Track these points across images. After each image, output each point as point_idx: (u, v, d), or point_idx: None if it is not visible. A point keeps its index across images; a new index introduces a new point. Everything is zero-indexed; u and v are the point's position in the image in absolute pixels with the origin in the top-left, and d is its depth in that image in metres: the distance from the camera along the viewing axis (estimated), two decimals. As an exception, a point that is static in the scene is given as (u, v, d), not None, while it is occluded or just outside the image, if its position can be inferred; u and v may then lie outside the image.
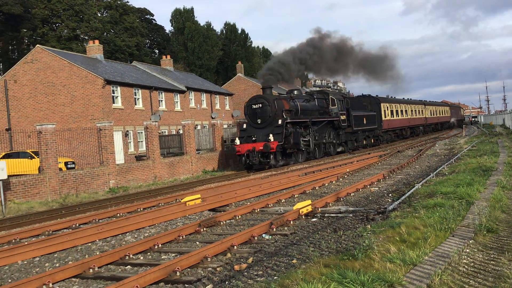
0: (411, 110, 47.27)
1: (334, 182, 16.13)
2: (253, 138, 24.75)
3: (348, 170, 18.35)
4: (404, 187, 13.63)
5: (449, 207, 8.44)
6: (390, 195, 12.48)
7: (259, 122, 25.10)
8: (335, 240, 7.65)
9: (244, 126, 25.84)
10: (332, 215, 10.18)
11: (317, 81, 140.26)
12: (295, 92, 28.88)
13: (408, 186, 13.65)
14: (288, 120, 25.03)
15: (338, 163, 22.83)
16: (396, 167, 18.08)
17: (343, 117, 31.43)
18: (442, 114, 63.95)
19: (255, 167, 24.97)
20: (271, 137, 23.92)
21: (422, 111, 51.78)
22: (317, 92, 32.34)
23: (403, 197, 11.12)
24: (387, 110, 39.35)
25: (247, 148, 24.17)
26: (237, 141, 25.15)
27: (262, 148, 23.66)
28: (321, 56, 30.54)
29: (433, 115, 58.05)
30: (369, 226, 8.32)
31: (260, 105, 25.17)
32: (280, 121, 24.57)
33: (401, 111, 43.72)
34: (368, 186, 14.11)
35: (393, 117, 40.84)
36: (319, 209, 10.63)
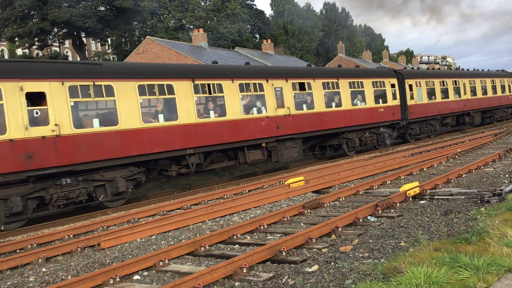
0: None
1: (443, 163, 15.36)
2: None
3: (459, 150, 17.39)
4: (523, 167, 12.65)
5: None
6: (506, 176, 11.64)
7: None
8: (445, 223, 7.34)
9: None
10: (442, 197, 9.74)
11: (423, 57, 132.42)
12: None
13: (528, 166, 12.65)
14: None
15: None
16: (513, 146, 16.78)
17: None
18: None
19: None
20: None
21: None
22: None
23: (522, 178, 10.34)
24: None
25: None
26: None
27: None
28: None
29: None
30: (483, 209, 7.88)
31: None
32: None
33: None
34: (482, 167, 13.27)
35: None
36: (428, 191, 10.22)
